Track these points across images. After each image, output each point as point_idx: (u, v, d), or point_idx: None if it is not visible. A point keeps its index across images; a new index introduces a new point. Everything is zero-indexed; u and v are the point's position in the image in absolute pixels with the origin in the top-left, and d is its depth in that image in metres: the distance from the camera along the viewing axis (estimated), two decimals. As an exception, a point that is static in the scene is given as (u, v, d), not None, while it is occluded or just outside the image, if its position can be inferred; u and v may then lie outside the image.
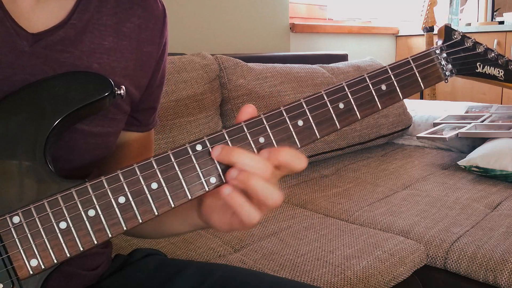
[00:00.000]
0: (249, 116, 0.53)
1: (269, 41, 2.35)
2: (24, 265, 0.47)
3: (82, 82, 0.53)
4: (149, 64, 0.66)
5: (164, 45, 0.68)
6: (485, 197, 1.50)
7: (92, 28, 0.59)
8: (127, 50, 0.62)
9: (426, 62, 0.61)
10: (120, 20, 0.62)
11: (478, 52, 0.65)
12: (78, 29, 0.58)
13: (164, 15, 0.68)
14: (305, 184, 1.68)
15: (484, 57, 0.66)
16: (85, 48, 0.58)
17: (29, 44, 0.54)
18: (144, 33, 0.64)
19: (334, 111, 0.55)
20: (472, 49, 0.65)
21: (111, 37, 0.60)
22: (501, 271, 1.10)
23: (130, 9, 0.63)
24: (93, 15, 0.59)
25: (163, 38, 0.67)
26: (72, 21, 0.57)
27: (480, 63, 0.65)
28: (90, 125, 0.60)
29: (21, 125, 0.50)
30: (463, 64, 0.64)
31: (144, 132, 0.73)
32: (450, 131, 1.92)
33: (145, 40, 0.64)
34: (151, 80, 0.68)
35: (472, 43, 0.65)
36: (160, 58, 0.68)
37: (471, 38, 0.65)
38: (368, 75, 0.58)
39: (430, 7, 2.75)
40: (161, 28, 0.67)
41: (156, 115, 0.75)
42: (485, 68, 0.65)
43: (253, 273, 0.74)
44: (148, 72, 0.66)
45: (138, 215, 0.49)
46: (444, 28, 0.64)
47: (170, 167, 0.50)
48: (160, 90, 0.72)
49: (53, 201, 0.48)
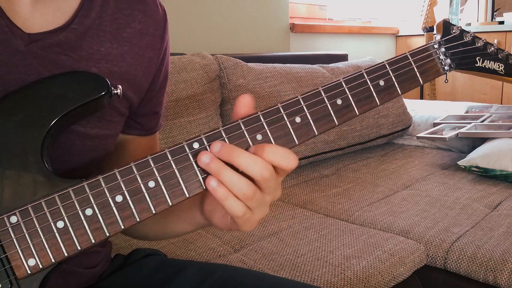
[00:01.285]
0: (246, 108, 0.52)
1: (269, 41, 2.35)
2: (22, 265, 0.47)
3: (79, 82, 0.53)
4: (150, 69, 0.66)
5: (165, 50, 0.68)
6: (485, 197, 1.50)
7: (92, 33, 0.59)
8: (128, 56, 0.62)
9: (424, 57, 0.61)
10: (120, 25, 0.61)
11: (477, 47, 0.65)
12: (79, 34, 0.57)
13: (165, 19, 0.67)
14: (305, 184, 1.68)
15: (484, 51, 0.65)
16: (83, 52, 0.58)
17: (25, 43, 0.54)
18: (145, 38, 0.64)
19: (332, 107, 0.55)
20: (471, 44, 0.64)
21: (111, 43, 0.60)
22: (501, 271, 1.10)
23: (131, 14, 0.63)
24: (94, 20, 0.59)
25: (164, 43, 0.67)
26: (73, 26, 0.57)
27: (479, 58, 0.65)
28: (87, 127, 0.59)
29: (18, 125, 0.50)
30: (462, 58, 0.64)
31: (148, 136, 0.73)
32: (450, 131, 1.91)
33: (146, 45, 0.64)
34: (152, 84, 0.67)
35: (471, 38, 0.64)
36: (161, 63, 0.67)
37: (470, 32, 0.65)
38: (366, 70, 0.57)
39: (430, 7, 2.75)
40: (161, 33, 0.66)
41: (161, 119, 0.74)
42: (485, 63, 0.65)
43: (253, 273, 0.74)
44: (149, 77, 0.66)
45: (136, 214, 0.49)
46: (443, 22, 0.64)
47: (167, 165, 0.50)
48: (162, 95, 0.72)
49: (51, 200, 0.48)
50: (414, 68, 0.60)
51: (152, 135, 0.74)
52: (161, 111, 0.73)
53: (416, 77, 0.60)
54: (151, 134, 0.73)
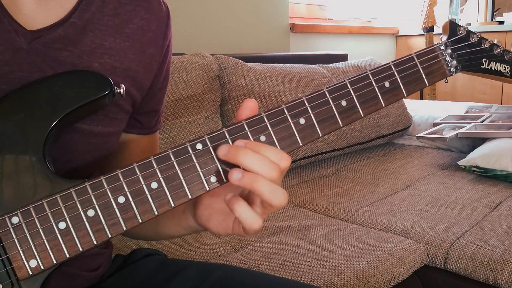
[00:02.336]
0: (250, 112, 0.52)
1: (269, 41, 2.35)
2: (23, 266, 0.47)
3: (81, 81, 0.53)
4: (152, 66, 0.65)
5: (167, 47, 0.68)
6: (485, 197, 1.50)
7: (93, 27, 0.58)
8: (129, 51, 0.62)
9: (430, 58, 0.60)
10: (122, 21, 0.61)
11: (484, 48, 0.64)
12: (79, 28, 0.57)
13: (167, 16, 0.67)
14: (305, 184, 1.68)
15: (490, 52, 0.64)
16: (85, 47, 0.57)
17: (27, 41, 0.54)
18: (147, 34, 0.64)
19: (337, 109, 0.54)
20: (477, 45, 0.64)
21: (113, 38, 0.60)
22: (501, 271, 1.10)
23: (133, 10, 0.62)
24: (94, 14, 0.59)
25: (166, 40, 0.67)
26: (72, 20, 0.57)
27: (485, 59, 0.64)
28: (91, 125, 0.59)
29: (20, 125, 0.50)
30: (468, 60, 0.63)
31: (148, 135, 0.73)
32: (450, 131, 1.91)
33: (148, 41, 0.64)
34: (154, 82, 0.67)
35: (477, 39, 0.63)
36: (163, 60, 0.67)
37: (476, 33, 0.64)
38: (371, 72, 0.57)
39: (430, 7, 2.75)
40: (164, 30, 0.66)
41: (161, 117, 0.74)
42: (491, 64, 0.64)
43: (253, 273, 0.74)
44: (151, 74, 0.66)
45: (138, 215, 0.49)
46: (449, 23, 0.63)
47: (170, 167, 0.49)
48: (163, 93, 0.71)
49: (52, 201, 0.48)
50: (420, 70, 0.59)
51: (152, 134, 0.74)
52: (161, 109, 0.73)
53: (422, 78, 0.59)
54: (152, 133, 0.73)
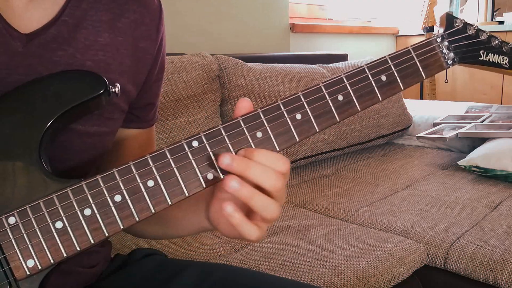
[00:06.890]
0: (246, 111, 0.52)
1: (269, 41, 2.35)
2: (21, 266, 0.47)
3: (76, 80, 0.53)
4: (146, 60, 0.66)
5: (160, 41, 0.68)
6: (485, 197, 1.50)
7: (86, 24, 0.58)
8: (122, 46, 0.62)
9: (427, 51, 0.60)
10: (115, 15, 0.61)
11: (481, 40, 0.63)
12: (71, 26, 0.57)
13: (160, 10, 0.67)
14: (305, 184, 1.68)
15: (488, 44, 0.63)
16: (79, 45, 0.57)
17: (23, 44, 0.54)
18: (140, 28, 0.64)
19: (333, 104, 0.54)
20: (475, 37, 0.63)
21: (106, 33, 0.60)
22: (501, 271, 1.09)
23: (125, 4, 0.62)
24: (86, 11, 0.59)
25: (159, 33, 0.67)
26: (64, 18, 0.57)
27: (483, 51, 0.63)
28: (86, 125, 0.59)
29: (16, 125, 0.50)
30: (466, 52, 0.62)
31: (145, 129, 0.73)
32: (450, 131, 1.91)
33: (141, 35, 0.64)
34: (148, 76, 0.67)
35: (475, 31, 0.63)
36: (157, 53, 0.67)
37: (473, 25, 0.63)
38: (367, 65, 0.56)
39: (430, 7, 2.75)
40: (157, 24, 0.66)
41: (157, 111, 0.74)
42: (489, 56, 0.63)
43: (253, 273, 0.74)
44: (145, 68, 0.66)
45: (135, 213, 0.49)
46: (446, 15, 0.62)
47: (167, 164, 0.49)
48: (159, 86, 0.71)
49: (49, 200, 0.47)
50: (416, 63, 0.59)
51: (149, 128, 0.74)
52: (157, 102, 0.73)
53: (419, 71, 0.59)
54: (148, 126, 0.73)
